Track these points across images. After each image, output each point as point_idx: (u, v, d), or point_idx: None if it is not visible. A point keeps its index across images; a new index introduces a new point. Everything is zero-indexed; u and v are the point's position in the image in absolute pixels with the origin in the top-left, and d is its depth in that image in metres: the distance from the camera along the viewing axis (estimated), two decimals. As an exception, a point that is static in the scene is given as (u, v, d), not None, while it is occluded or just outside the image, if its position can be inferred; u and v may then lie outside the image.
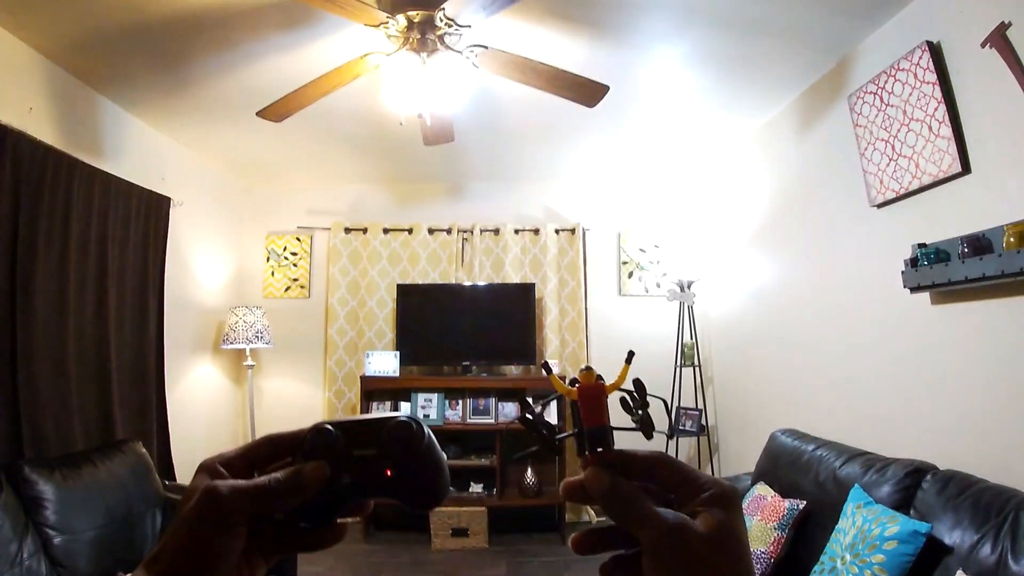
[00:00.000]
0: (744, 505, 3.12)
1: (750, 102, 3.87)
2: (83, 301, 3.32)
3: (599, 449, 0.47)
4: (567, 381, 0.50)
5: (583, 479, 0.46)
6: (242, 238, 5.48)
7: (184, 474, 4.18)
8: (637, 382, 0.51)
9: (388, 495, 0.48)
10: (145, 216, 3.88)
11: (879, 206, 2.97)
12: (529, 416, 0.51)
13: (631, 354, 0.52)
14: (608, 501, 0.44)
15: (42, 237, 2.96)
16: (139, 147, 3.97)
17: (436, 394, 5.00)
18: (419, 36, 2.53)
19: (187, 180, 4.55)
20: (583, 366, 0.49)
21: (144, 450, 3.46)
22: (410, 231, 5.41)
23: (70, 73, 3.30)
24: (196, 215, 4.68)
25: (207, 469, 0.48)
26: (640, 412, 0.50)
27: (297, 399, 5.46)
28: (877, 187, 2.95)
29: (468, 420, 4.95)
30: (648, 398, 0.50)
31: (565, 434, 0.51)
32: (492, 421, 4.92)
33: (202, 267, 4.86)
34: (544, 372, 0.55)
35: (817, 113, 3.54)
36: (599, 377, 0.49)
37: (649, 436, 0.50)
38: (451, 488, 0.54)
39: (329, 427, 0.49)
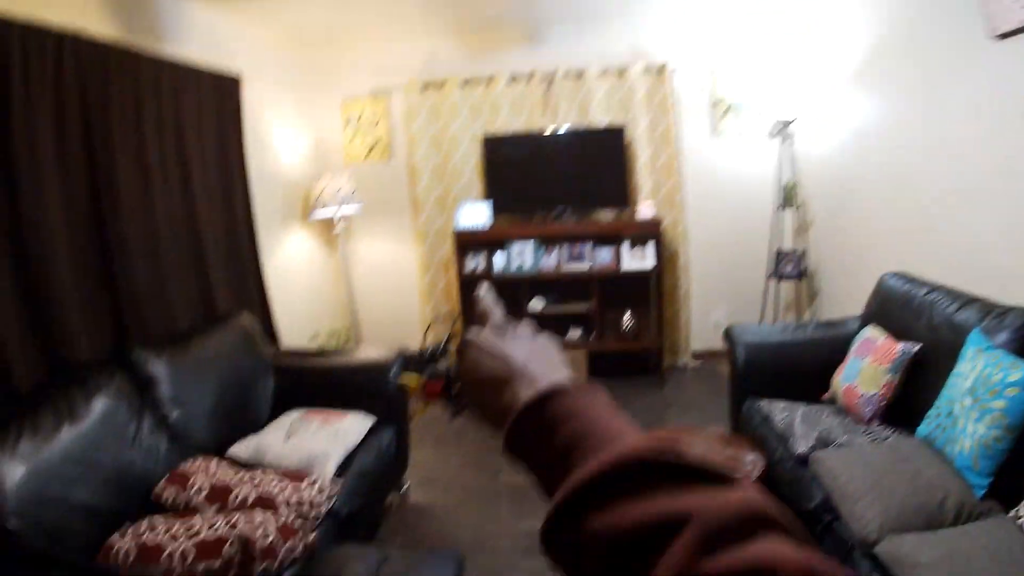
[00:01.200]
0: (855, 347, 3.13)
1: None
2: (169, 189, 3.37)
3: None
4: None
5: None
6: (317, 107, 5.44)
7: (291, 338, 4.46)
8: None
9: None
10: (217, 98, 3.85)
11: (1001, 36, 2.68)
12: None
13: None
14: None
15: (117, 134, 2.97)
16: (202, 28, 3.89)
17: (530, 242, 5.05)
18: None
19: (255, 55, 4.49)
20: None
21: (249, 320, 3.60)
22: (489, 82, 5.24)
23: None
24: (268, 90, 4.66)
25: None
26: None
27: (391, 259, 5.62)
28: (999, 15, 2.65)
29: (564, 267, 5.01)
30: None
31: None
32: (588, 266, 4.97)
33: (281, 141, 4.89)
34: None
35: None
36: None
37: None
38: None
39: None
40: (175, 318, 3.31)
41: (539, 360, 0.57)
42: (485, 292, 0.68)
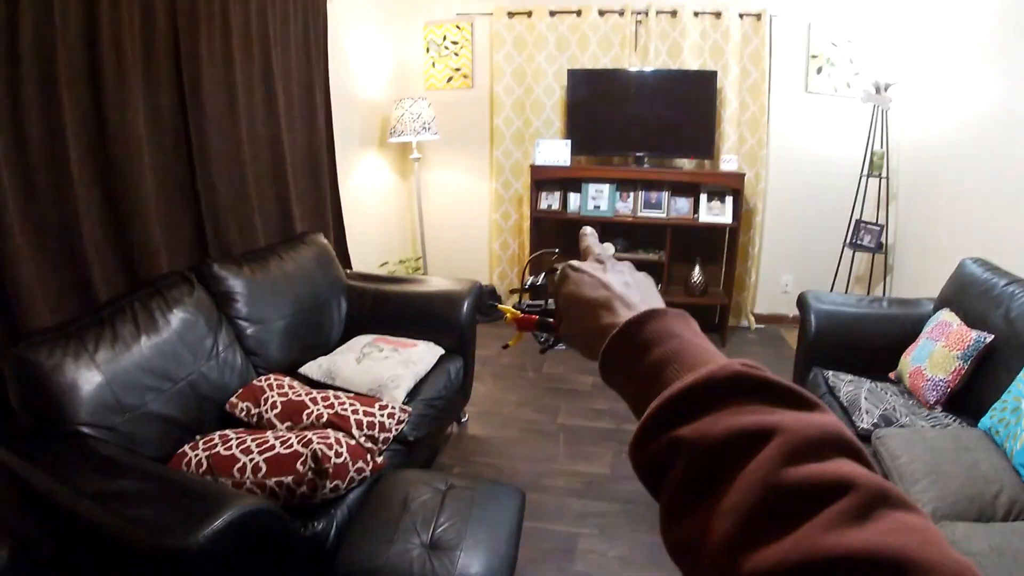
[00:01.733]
0: (928, 329, 3.10)
1: None
2: (252, 103, 3.38)
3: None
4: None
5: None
6: (400, 29, 5.39)
7: (360, 263, 4.52)
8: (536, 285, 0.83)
9: None
10: (303, 13, 3.84)
11: None
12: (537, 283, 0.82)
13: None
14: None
15: (203, 44, 2.95)
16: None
17: (607, 185, 5.02)
18: None
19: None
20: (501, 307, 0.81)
21: (325, 241, 3.66)
22: (579, 13, 5.11)
23: None
24: (353, 8, 4.64)
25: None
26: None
27: (463, 191, 5.65)
28: None
29: (639, 213, 5.00)
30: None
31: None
32: (664, 215, 4.95)
33: (362, 62, 4.90)
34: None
35: None
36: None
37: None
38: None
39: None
40: (254, 235, 3.37)
41: (637, 290, 0.62)
42: (590, 231, 0.78)
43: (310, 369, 3.03)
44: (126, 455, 2.00)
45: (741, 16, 4.90)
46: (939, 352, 2.92)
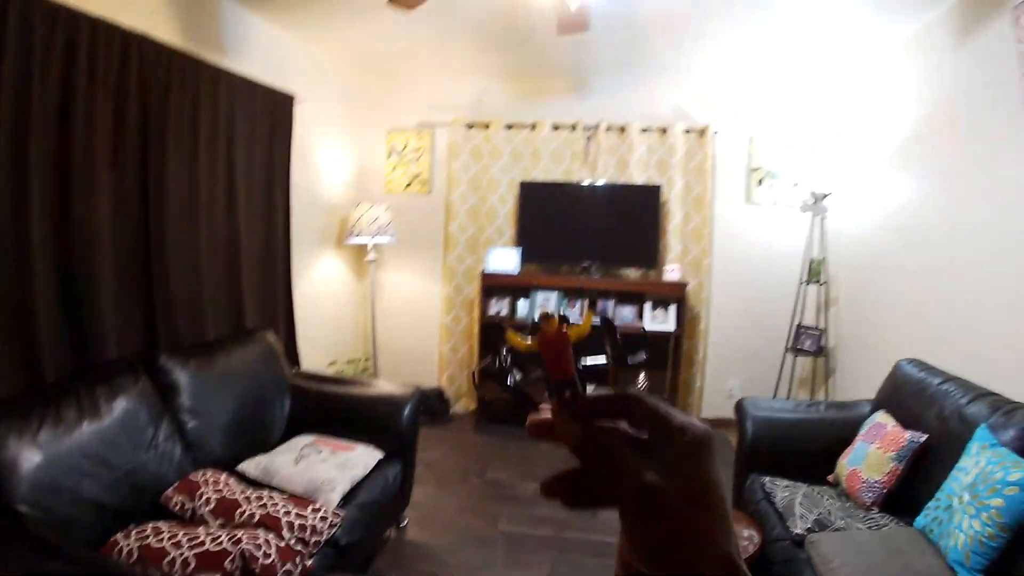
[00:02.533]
0: (863, 432, 3.06)
1: (900, 9, 3.50)
2: (213, 198, 3.45)
3: (569, 396, 0.45)
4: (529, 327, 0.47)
5: (554, 426, 0.45)
6: (364, 134, 5.58)
7: (309, 362, 4.48)
8: (606, 319, 0.49)
9: None
10: (270, 114, 3.97)
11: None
12: (490, 370, 0.50)
13: (594, 303, 0.51)
14: (581, 453, 0.44)
15: (171, 137, 3.07)
16: (262, 45, 4.04)
17: (554, 293, 5.07)
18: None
19: (310, 77, 4.63)
20: (542, 312, 0.46)
21: (274, 338, 3.66)
22: (533, 127, 5.33)
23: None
24: (319, 112, 4.79)
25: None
26: (615, 349, 0.48)
27: (416, 293, 5.67)
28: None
29: (584, 321, 4.98)
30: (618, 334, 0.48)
31: (530, 378, 0.49)
32: (608, 323, 4.94)
33: (325, 163, 5.01)
34: (502, 329, 0.51)
35: (975, 24, 3.16)
36: (564, 319, 0.46)
37: (625, 365, 0.49)
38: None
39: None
40: (204, 328, 3.38)
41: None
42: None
43: (248, 467, 2.96)
44: (60, 538, 1.96)
45: (686, 132, 5.13)
46: (874, 454, 2.87)
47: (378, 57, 5.00)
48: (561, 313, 0.45)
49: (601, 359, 0.48)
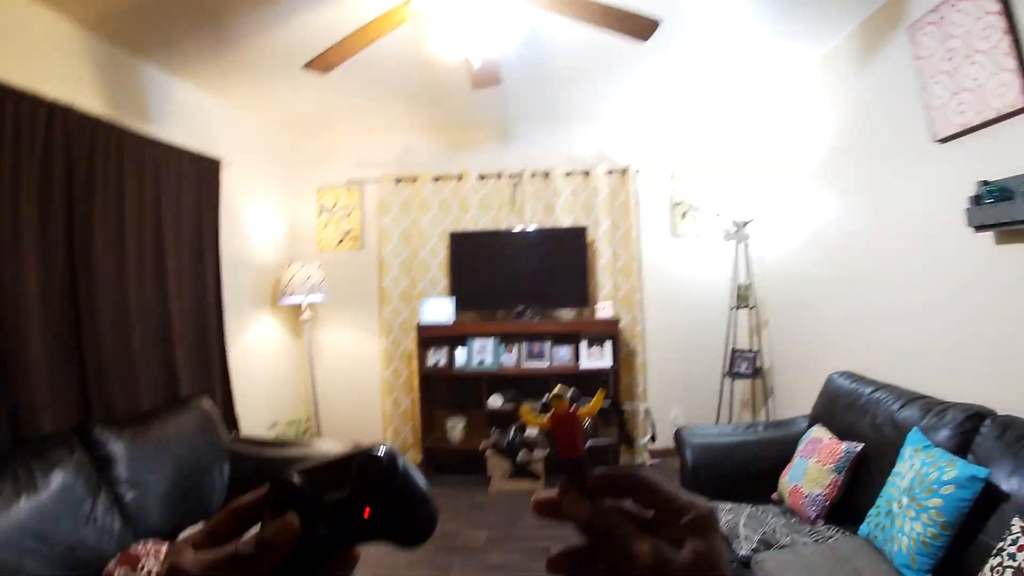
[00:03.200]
0: (801, 448, 3.11)
1: (807, 32, 3.67)
2: (142, 265, 3.43)
3: (577, 475, 0.46)
4: (544, 404, 0.49)
5: (562, 504, 0.46)
6: (293, 193, 5.56)
7: (247, 427, 4.36)
8: (615, 401, 0.49)
9: (372, 538, 0.45)
10: (197, 179, 3.95)
11: (941, 141, 2.83)
12: (499, 447, 0.50)
13: (604, 383, 0.50)
14: (589, 531, 0.44)
15: (98, 205, 3.06)
16: (186, 110, 4.02)
17: (491, 339, 5.05)
18: (463, -26, 2.46)
19: (236, 139, 4.61)
20: (555, 392, 0.47)
21: (209, 405, 3.60)
22: (460, 178, 5.40)
23: (113, 43, 3.34)
24: (247, 173, 4.76)
25: (175, 551, 0.44)
26: (621, 429, 0.49)
27: (355, 350, 5.59)
28: (939, 121, 2.81)
29: (523, 364, 5.00)
30: (626, 408, 0.49)
31: (541, 456, 0.49)
32: (547, 365, 4.97)
33: (256, 224, 4.95)
34: (517, 405, 0.51)
35: (876, 44, 3.36)
36: (574, 400, 0.47)
37: (631, 446, 0.50)
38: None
39: (291, 479, 0.44)
40: (138, 396, 3.31)
41: None
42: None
43: (189, 536, 2.81)
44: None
45: (608, 173, 5.27)
46: (813, 468, 2.91)
47: (304, 117, 5.01)
48: (571, 395, 0.47)
49: (607, 440, 0.49)
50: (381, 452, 0.45)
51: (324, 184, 5.59)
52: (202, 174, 4.01)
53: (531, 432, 0.51)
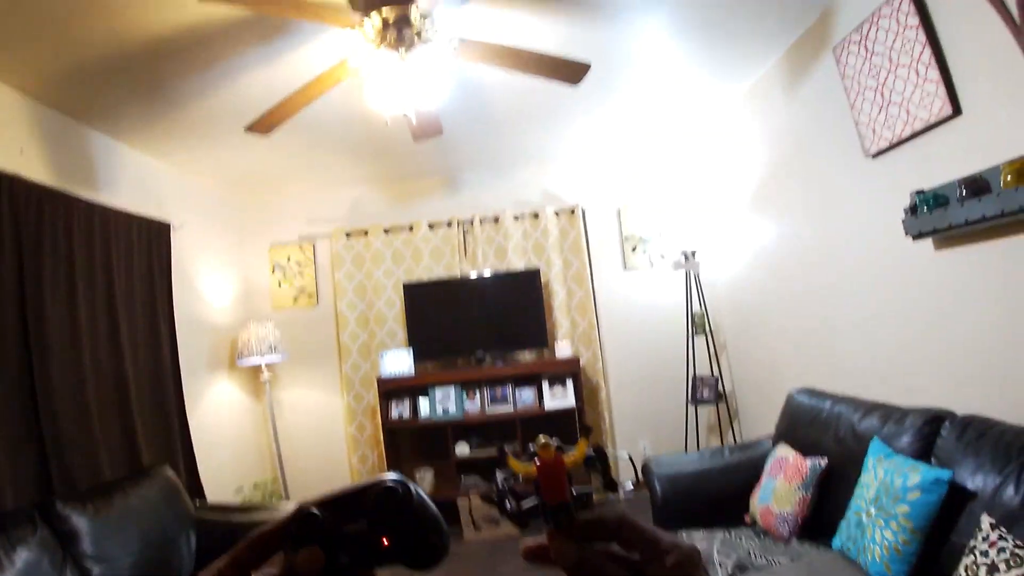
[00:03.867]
0: (768, 468, 3.12)
1: (735, 64, 3.83)
2: (96, 334, 3.37)
3: (563, 520, 0.47)
4: (530, 454, 0.50)
5: (550, 550, 0.46)
6: (245, 253, 5.51)
7: (212, 492, 4.24)
8: (598, 448, 0.51)
9: (391, 563, 0.47)
10: (147, 243, 3.92)
11: (874, 156, 2.96)
12: (487, 496, 0.52)
13: (588, 429, 0.52)
14: (576, 574, 0.45)
15: (48, 276, 3.01)
16: (134, 175, 3.99)
17: (453, 387, 5.01)
18: (396, 33, 2.51)
19: (185, 202, 4.57)
20: (541, 440, 0.49)
21: (172, 473, 3.52)
22: (411, 228, 5.42)
23: (56, 110, 3.32)
24: (198, 235, 4.71)
25: None
26: (604, 476, 0.51)
27: (317, 407, 5.49)
28: (870, 137, 2.93)
29: (487, 410, 4.96)
30: (609, 454, 0.51)
31: (529, 505, 0.51)
32: (511, 408, 4.94)
33: (209, 286, 4.88)
34: (503, 454, 0.54)
35: (804, 68, 3.51)
36: (559, 448, 0.48)
37: (614, 492, 0.51)
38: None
39: (313, 510, 0.47)
40: (99, 467, 3.23)
41: None
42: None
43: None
44: None
45: (557, 214, 5.35)
46: (781, 487, 2.93)
47: (252, 177, 5.01)
48: (557, 443, 0.49)
49: (590, 488, 0.52)
50: (396, 484, 0.48)
51: (276, 242, 5.54)
52: (153, 238, 3.98)
53: (516, 479, 0.52)
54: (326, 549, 0.45)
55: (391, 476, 0.49)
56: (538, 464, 0.48)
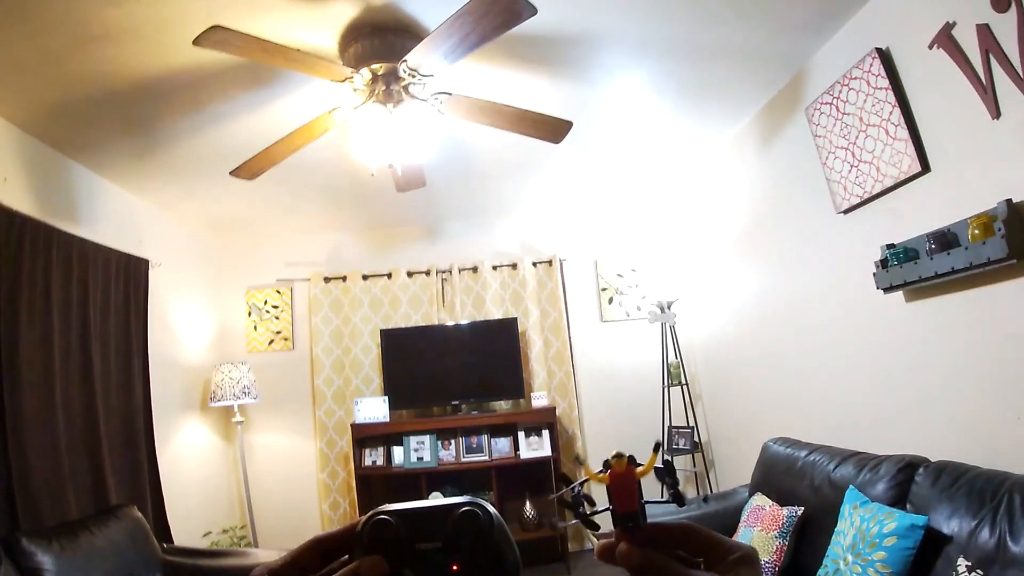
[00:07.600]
0: (745, 517, 3.14)
1: (710, 121, 3.96)
2: (68, 368, 3.31)
3: (631, 526, 0.49)
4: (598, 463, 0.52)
5: (617, 552, 0.48)
6: (222, 294, 5.47)
7: (180, 535, 4.13)
8: (668, 463, 0.55)
9: None
10: (124, 280, 3.89)
11: (845, 212, 3.06)
12: (568, 499, 0.54)
13: (658, 444, 0.55)
14: (641, 573, 0.47)
15: (23, 306, 2.97)
16: (115, 211, 3.99)
17: (428, 436, 4.96)
18: (384, 88, 2.59)
19: (164, 240, 4.56)
20: (615, 452, 0.52)
21: (139, 514, 3.44)
22: (389, 276, 5.45)
23: (43, 142, 3.33)
24: (175, 274, 4.68)
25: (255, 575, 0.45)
26: (672, 489, 0.53)
27: (289, 452, 5.40)
28: (841, 194, 3.04)
29: (462, 459, 4.92)
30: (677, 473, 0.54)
31: (600, 510, 0.54)
32: (486, 458, 4.91)
33: (185, 326, 4.84)
34: (577, 462, 0.55)
35: (777, 127, 3.64)
36: (631, 460, 0.51)
37: (681, 505, 0.55)
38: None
39: (388, 517, 0.45)
40: (67, 504, 3.14)
41: None
42: None
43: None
44: None
45: (535, 264, 5.42)
46: (758, 536, 2.94)
47: (232, 220, 5.02)
48: (630, 454, 0.51)
49: (661, 499, 0.55)
50: (478, 508, 0.47)
51: (254, 284, 5.52)
52: (131, 274, 3.95)
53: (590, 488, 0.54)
54: (393, 561, 0.44)
55: (471, 499, 0.48)
56: (611, 475, 0.50)
